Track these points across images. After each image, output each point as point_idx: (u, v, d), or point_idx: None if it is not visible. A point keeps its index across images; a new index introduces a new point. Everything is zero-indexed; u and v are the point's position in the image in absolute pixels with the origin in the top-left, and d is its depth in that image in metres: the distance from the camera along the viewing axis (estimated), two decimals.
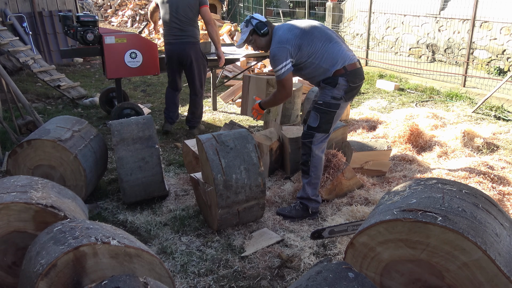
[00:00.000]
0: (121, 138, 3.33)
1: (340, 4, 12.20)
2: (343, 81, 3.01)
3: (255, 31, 3.11)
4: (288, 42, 3.01)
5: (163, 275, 1.88)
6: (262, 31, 3.10)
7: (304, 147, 3.18)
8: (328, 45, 3.05)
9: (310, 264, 2.66)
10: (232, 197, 2.88)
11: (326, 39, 3.07)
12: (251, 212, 3.03)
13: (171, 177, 4.00)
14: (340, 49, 3.07)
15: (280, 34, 3.06)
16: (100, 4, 18.47)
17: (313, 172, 3.16)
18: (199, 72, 4.86)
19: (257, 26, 3.10)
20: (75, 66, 9.39)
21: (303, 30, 3.06)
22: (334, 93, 3.03)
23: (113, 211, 3.38)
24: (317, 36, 3.05)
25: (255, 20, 3.12)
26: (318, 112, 3.08)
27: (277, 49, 3.02)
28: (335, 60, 3.02)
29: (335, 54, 3.03)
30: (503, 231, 1.76)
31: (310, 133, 3.12)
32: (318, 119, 3.08)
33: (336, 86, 3.02)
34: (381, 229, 1.76)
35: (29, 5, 8.54)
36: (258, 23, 3.11)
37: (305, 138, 3.17)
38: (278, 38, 3.05)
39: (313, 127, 3.10)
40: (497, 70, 7.70)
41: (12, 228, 2.07)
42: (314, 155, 3.13)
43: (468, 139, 4.60)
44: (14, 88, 4.50)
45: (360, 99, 6.74)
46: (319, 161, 3.17)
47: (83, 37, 4.92)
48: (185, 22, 4.64)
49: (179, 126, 5.54)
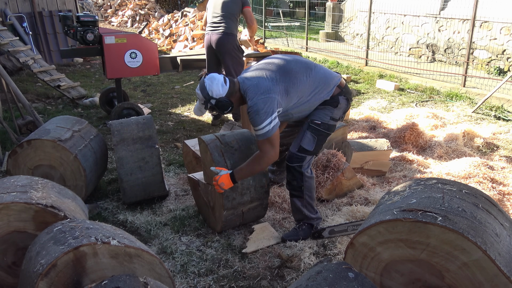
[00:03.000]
0: (121, 138, 3.33)
1: (340, 4, 12.20)
2: (343, 100, 2.75)
3: (217, 110, 2.59)
4: (272, 91, 2.49)
5: (163, 275, 1.88)
6: (226, 111, 2.57)
7: (293, 171, 2.76)
8: (312, 74, 2.67)
9: (310, 264, 2.66)
10: (237, 198, 2.85)
11: (306, 69, 2.67)
12: (254, 212, 3.03)
13: (171, 177, 4.00)
14: (324, 72, 2.74)
15: (256, 84, 2.52)
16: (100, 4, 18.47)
17: (307, 194, 2.84)
18: (233, 63, 5.00)
19: (219, 107, 2.54)
20: (75, 66, 9.40)
21: (280, 71, 2.59)
22: (334, 113, 2.74)
23: (113, 211, 3.38)
24: (296, 70, 2.62)
25: (213, 100, 2.52)
26: (315, 134, 2.71)
27: (262, 101, 2.46)
28: (328, 84, 2.70)
29: (324, 80, 2.70)
30: (503, 231, 1.76)
31: (300, 156, 2.73)
32: (314, 142, 2.72)
33: (337, 106, 2.73)
34: (381, 229, 1.76)
35: (29, 5, 8.54)
36: (218, 104, 2.52)
37: (293, 162, 2.74)
38: (255, 88, 2.50)
39: (307, 150, 2.72)
40: (497, 70, 7.70)
41: (12, 228, 2.07)
42: (307, 179, 2.79)
43: (468, 139, 4.61)
44: (14, 88, 4.50)
45: (360, 99, 6.74)
46: (312, 182, 2.84)
47: (83, 37, 4.92)
48: (226, 15, 4.85)
49: (179, 126, 5.54)
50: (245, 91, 2.56)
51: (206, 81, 2.55)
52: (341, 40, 11.81)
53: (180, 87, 7.73)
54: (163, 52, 10.88)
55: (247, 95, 2.54)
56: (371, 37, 9.89)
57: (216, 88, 2.52)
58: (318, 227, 3.00)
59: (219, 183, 2.65)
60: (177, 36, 11.99)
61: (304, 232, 2.93)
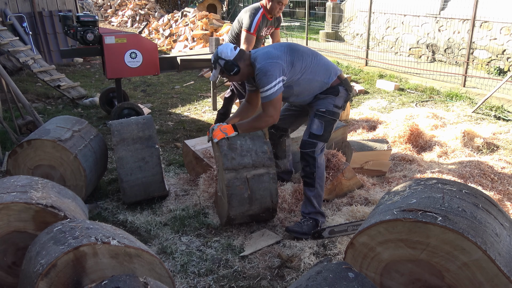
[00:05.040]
0: (121, 138, 3.33)
1: (340, 4, 12.20)
2: (343, 90, 2.96)
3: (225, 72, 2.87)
4: (280, 58, 2.79)
5: (163, 275, 1.88)
6: (232, 72, 2.83)
7: (306, 157, 2.95)
8: (317, 58, 2.95)
9: (310, 264, 2.67)
10: (237, 158, 2.89)
11: (312, 53, 2.96)
12: (261, 182, 2.93)
13: (171, 177, 4.00)
14: (327, 60, 3.00)
15: (267, 51, 2.83)
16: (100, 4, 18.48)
17: (318, 183, 2.98)
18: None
19: (226, 67, 2.83)
20: (75, 66, 9.40)
21: (289, 47, 2.90)
22: (336, 101, 2.95)
23: (113, 211, 3.38)
24: (304, 51, 2.93)
25: (222, 60, 2.83)
26: (322, 120, 2.93)
27: (270, 64, 2.75)
28: (329, 71, 2.94)
29: (327, 66, 2.95)
30: (503, 231, 1.76)
31: (313, 142, 2.93)
32: (322, 127, 2.92)
33: (338, 95, 2.94)
34: (381, 229, 1.76)
35: (29, 5, 8.54)
36: (225, 64, 2.82)
37: (306, 148, 2.95)
38: (265, 55, 2.80)
39: (318, 135, 2.92)
40: (497, 70, 7.70)
41: (12, 228, 2.07)
42: (319, 165, 2.96)
43: (468, 139, 4.60)
44: (14, 88, 4.50)
45: (360, 99, 6.74)
46: (323, 171, 3.01)
47: (83, 37, 4.92)
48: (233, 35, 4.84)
49: (179, 126, 5.54)
50: (255, 58, 2.85)
51: (219, 46, 2.89)
52: (341, 40, 11.81)
53: (180, 87, 7.73)
54: (163, 52, 10.88)
55: (256, 61, 2.82)
56: (371, 37, 9.89)
57: (225, 51, 2.83)
58: (321, 226, 3.02)
59: (221, 128, 2.91)
60: (177, 36, 11.99)
61: (308, 227, 2.96)
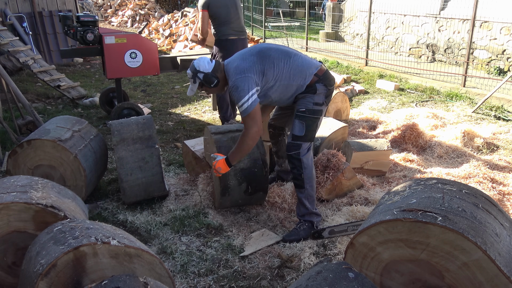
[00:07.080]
0: (121, 138, 3.33)
1: (340, 4, 12.20)
2: (321, 86, 2.90)
3: (204, 85, 2.92)
4: (249, 71, 2.78)
5: (163, 275, 1.88)
6: (213, 85, 2.88)
7: (292, 160, 2.94)
8: (290, 61, 2.88)
9: (310, 264, 2.67)
10: (223, 127, 3.34)
11: (285, 56, 2.89)
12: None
13: (171, 177, 4.00)
14: (302, 60, 2.92)
15: (236, 65, 2.83)
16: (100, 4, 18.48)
17: (308, 184, 2.97)
18: None
19: (205, 80, 2.88)
20: (75, 66, 9.40)
21: (258, 55, 2.85)
22: (315, 99, 2.90)
23: (113, 211, 3.38)
24: (275, 56, 2.86)
25: (201, 73, 2.87)
26: (302, 120, 2.90)
27: (239, 80, 2.76)
28: (304, 73, 2.88)
29: (301, 68, 2.89)
30: (503, 231, 1.76)
31: (297, 144, 2.90)
32: (304, 127, 2.89)
33: (316, 92, 2.89)
34: (381, 229, 1.76)
35: (29, 5, 8.55)
36: (205, 77, 2.87)
37: (291, 150, 2.93)
38: (235, 70, 2.81)
39: (300, 136, 2.89)
40: (497, 70, 7.70)
41: (12, 228, 2.07)
42: (306, 166, 2.93)
43: (468, 139, 4.61)
44: (14, 88, 4.50)
45: (360, 99, 6.74)
46: (311, 170, 2.98)
47: (83, 37, 4.92)
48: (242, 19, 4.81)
49: (179, 126, 5.54)
50: (227, 72, 2.89)
51: (195, 60, 2.95)
52: (341, 40, 11.81)
53: (180, 87, 7.73)
54: (163, 52, 10.88)
55: (228, 76, 2.87)
56: (371, 37, 9.89)
57: (202, 64, 2.90)
58: (318, 226, 3.02)
59: (216, 167, 2.95)
60: (177, 36, 12.00)
61: (305, 232, 2.97)
